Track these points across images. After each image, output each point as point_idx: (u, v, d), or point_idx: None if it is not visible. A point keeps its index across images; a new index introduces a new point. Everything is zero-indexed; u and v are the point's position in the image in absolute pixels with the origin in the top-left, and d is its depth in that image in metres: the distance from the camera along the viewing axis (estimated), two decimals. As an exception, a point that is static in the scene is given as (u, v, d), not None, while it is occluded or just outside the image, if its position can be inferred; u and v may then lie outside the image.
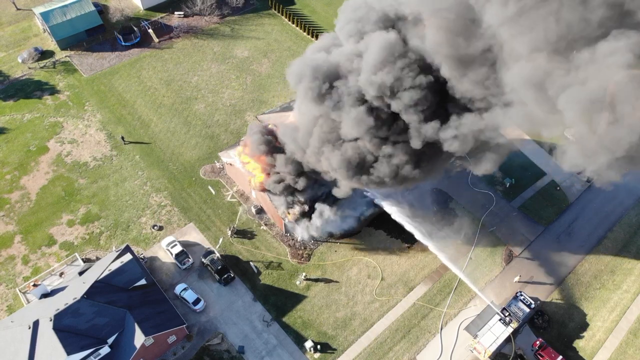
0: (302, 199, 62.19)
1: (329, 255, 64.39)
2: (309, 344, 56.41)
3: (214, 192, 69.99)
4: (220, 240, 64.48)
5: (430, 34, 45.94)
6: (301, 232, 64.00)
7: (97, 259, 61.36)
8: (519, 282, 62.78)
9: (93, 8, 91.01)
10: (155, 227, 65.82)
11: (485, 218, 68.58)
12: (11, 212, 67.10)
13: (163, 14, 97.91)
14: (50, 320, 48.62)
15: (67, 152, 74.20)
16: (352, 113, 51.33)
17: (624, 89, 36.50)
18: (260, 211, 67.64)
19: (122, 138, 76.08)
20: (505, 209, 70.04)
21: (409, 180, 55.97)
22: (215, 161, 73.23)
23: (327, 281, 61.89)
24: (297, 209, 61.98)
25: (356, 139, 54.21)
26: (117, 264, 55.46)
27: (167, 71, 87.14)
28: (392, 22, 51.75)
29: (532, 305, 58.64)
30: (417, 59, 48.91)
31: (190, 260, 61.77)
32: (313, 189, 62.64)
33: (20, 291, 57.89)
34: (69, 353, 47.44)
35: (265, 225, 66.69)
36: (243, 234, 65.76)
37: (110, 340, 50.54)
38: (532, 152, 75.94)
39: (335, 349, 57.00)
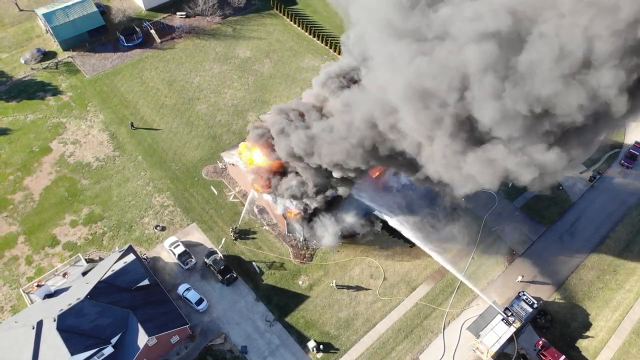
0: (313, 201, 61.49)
1: (331, 255, 64.45)
2: (311, 344, 56.47)
3: (216, 193, 70.10)
4: (223, 240, 64.58)
5: None
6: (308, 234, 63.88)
7: (100, 259, 61.51)
8: (521, 281, 62.75)
9: (95, 9, 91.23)
10: (158, 228, 65.95)
11: (487, 218, 68.59)
12: (14, 213, 67.30)
13: (165, 15, 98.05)
14: (54, 320, 48.84)
15: (70, 152, 74.39)
16: None
17: None
18: (262, 211, 67.74)
19: (132, 124, 77.22)
20: (508, 209, 70.01)
21: None
22: (218, 161, 73.35)
23: (359, 289, 61.73)
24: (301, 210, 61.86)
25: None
26: (120, 264, 55.66)
27: (169, 72, 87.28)
28: None
29: (535, 305, 58.59)
30: None
31: (193, 260, 61.88)
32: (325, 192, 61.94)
33: (24, 291, 58.04)
34: (72, 353, 47.62)
35: (268, 225, 66.79)
36: (245, 234, 65.90)
37: (113, 341, 50.63)
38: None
39: (337, 349, 57.07)
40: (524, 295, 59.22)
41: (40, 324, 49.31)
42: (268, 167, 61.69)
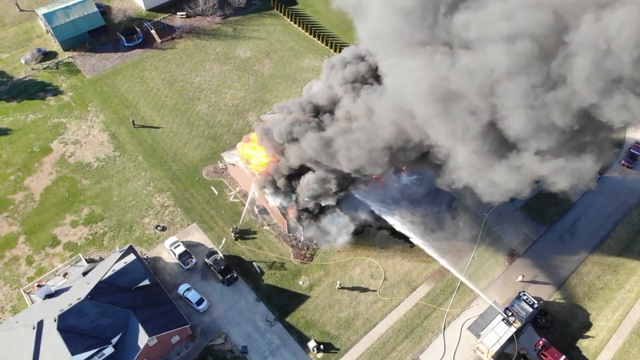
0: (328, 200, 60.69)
1: (331, 255, 64.44)
2: (312, 344, 56.48)
3: (216, 193, 70.11)
4: (223, 240, 64.59)
5: None
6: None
7: (101, 259, 61.53)
8: (521, 281, 62.72)
9: (96, 9, 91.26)
10: (159, 228, 65.98)
11: (488, 218, 68.57)
12: (15, 213, 67.33)
13: (165, 15, 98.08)
14: (55, 320, 48.90)
15: (71, 152, 74.43)
16: None
17: None
18: (262, 211, 67.74)
19: (133, 122, 77.48)
20: (508, 209, 69.94)
21: None
22: (218, 161, 73.37)
23: (363, 290, 61.67)
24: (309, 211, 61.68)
25: None
26: (121, 264, 55.71)
27: (169, 72, 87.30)
28: None
29: (535, 305, 58.56)
30: None
31: (194, 260, 61.90)
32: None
33: (24, 292, 58.10)
34: (73, 353, 47.66)
35: (268, 225, 66.79)
36: (246, 234, 65.90)
37: (114, 341, 50.67)
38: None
39: (338, 349, 57.07)
40: (524, 295, 59.19)
41: (40, 324, 49.36)
42: (278, 167, 61.01)
